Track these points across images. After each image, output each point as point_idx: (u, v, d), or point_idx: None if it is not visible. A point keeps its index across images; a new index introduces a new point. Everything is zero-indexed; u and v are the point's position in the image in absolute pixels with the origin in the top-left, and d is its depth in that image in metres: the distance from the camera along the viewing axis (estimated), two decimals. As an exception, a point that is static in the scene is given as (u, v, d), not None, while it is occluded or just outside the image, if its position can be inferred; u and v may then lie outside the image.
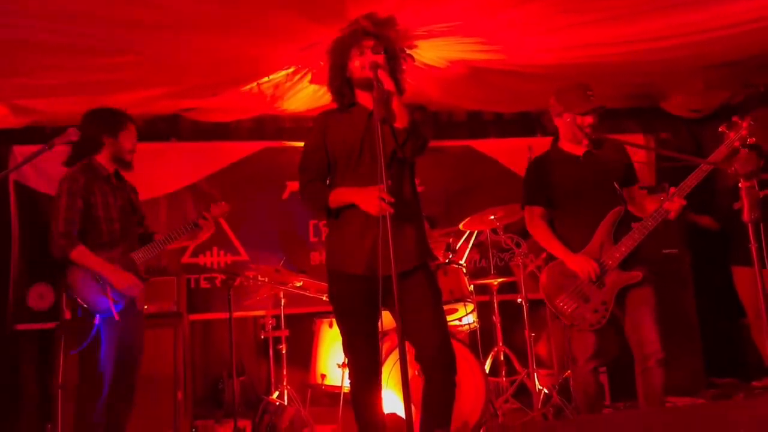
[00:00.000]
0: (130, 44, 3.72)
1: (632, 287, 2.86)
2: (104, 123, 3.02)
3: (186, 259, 4.97)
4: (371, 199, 2.33)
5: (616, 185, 2.97)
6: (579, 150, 3.00)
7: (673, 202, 2.80)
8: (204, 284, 4.96)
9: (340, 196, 2.53)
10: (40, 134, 4.74)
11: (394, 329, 3.46)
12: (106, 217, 2.96)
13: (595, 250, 2.87)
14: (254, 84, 4.51)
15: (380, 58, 2.48)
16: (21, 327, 4.42)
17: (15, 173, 4.70)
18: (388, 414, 3.33)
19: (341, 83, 2.57)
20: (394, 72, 2.54)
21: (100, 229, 2.94)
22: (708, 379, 4.48)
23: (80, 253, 2.88)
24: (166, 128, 5.12)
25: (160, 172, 4.84)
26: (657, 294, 2.89)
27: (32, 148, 2.95)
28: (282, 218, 5.09)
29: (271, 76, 4.41)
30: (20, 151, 4.67)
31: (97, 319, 2.82)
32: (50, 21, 3.33)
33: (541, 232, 3.00)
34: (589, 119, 2.92)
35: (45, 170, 4.68)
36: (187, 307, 4.67)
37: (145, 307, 4.14)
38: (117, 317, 2.86)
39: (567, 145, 3.03)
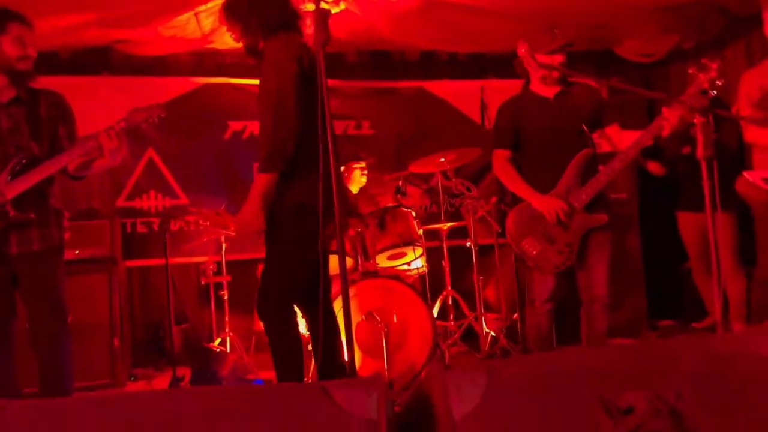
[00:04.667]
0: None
1: (594, 231, 2.84)
2: None
3: (121, 202, 4.69)
4: None
5: (584, 128, 2.89)
6: (549, 92, 2.93)
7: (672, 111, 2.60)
8: (141, 229, 4.71)
9: None
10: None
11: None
12: None
13: (561, 193, 2.82)
14: (191, 13, 4.20)
15: None
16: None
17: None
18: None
19: None
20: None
21: None
22: (650, 321, 4.58)
23: None
24: (96, 61, 4.75)
25: (90, 108, 4.44)
26: (613, 240, 2.90)
27: None
28: (224, 160, 4.85)
29: (209, 5, 4.10)
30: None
31: None
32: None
33: (507, 175, 2.95)
34: (558, 57, 2.84)
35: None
36: (124, 252, 4.45)
37: (76, 252, 3.98)
38: None
39: (538, 87, 2.95)
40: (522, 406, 1.25)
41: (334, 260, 3.57)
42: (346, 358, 2.18)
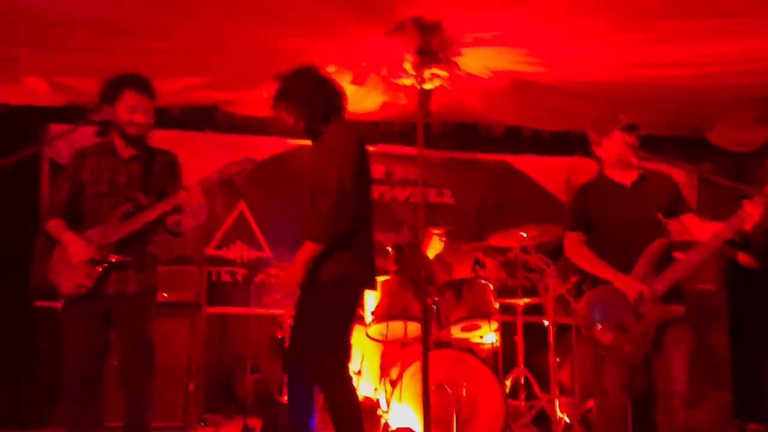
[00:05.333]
0: (170, 29, 3.73)
1: (670, 323, 2.75)
2: (103, 92, 2.81)
3: (210, 250, 4.93)
4: None
5: (660, 217, 2.86)
6: (626, 179, 2.92)
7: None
8: (225, 277, 4.92)
9: None
10: (78, 113, 4.71)
11: (418, 339, 3.41)
12: (93, 194, 2.77)
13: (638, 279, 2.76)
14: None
15: None
16: (39, 304, 4.41)
17: (50, 151, 4.74)
18: (403, 428, 3.24)
19: None
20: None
21: (89, 207, 2.78)
22: (735, 422, 4.29)
23: (52, 226, 2.76)
24: (202, 118, 5.11)
25: (192, 162, 4.73)
26: (691, 332, 2.82)
27: (68, 127, 2.89)
28: (309, 218, 5.03)
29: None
30: (56, 129, 4.68)
31: (61, 303, 2.69)
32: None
33: (584, 256, 2.90)
34: (627, 138, 2.84)
35: (79, 150, 4.72)
36: (207, 299, 4.65)
37: (165, 294, 4.19)
38: (60, 305, 2.69)
39: (614, 173, 2.95)
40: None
41: (411, 327, 3.62)
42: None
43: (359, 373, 3.80)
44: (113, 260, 2.68)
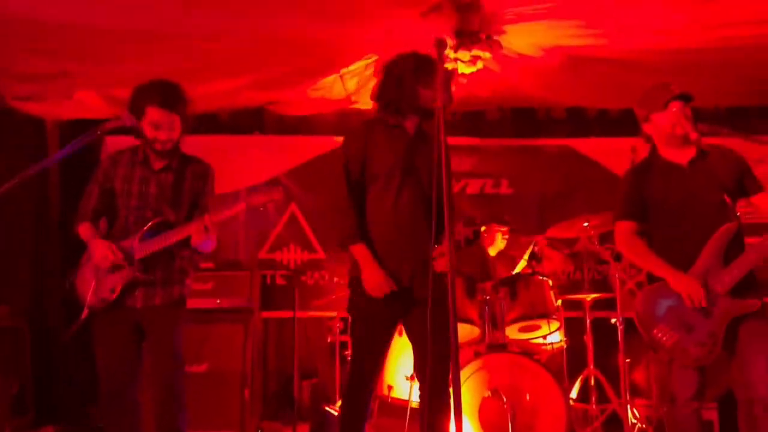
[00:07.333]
0: (216, 30, 3.69)
1: (745, 318, 2.40)
2: (130, 106, 2.68)
3: (263, 254, 4.89)
4: None
5: (726, 198, 2.50)
6: (682, 158, 2.56)
7: None
8: (280, 281, 4.86)
9: None
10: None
11: (471, 342, 3.20)
12: (123, 205, 2.72)
13: (700, 273, 2.42)
14: (337, 75, 4.35)
15: None
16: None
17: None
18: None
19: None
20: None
21: (118, 218, 2.73)
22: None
23: (82, 230, 2.72)
24: (250, 122, 5.08)
25: (243, 165, 4.80)
26: None
27: (124, 138, 2.83)
28: (361, 217, 4.89)
29: (351, 66, 4.22)
30: (112, 141, 4.76)
31: (84, 313, 2.62)
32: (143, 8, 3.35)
33: (636, 249, 2.58)
34: (676, 108, 2.48)
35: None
36: (263, 303, 4.59)
37: (218, 301, 4.16)
38: (84, 314, 2.62)
39: (668, 152, 2.60)
40: None
41: (462, 330, 3.40)
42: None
43: (413, 377, 3.61)
44: (140, 278, 2.63)
